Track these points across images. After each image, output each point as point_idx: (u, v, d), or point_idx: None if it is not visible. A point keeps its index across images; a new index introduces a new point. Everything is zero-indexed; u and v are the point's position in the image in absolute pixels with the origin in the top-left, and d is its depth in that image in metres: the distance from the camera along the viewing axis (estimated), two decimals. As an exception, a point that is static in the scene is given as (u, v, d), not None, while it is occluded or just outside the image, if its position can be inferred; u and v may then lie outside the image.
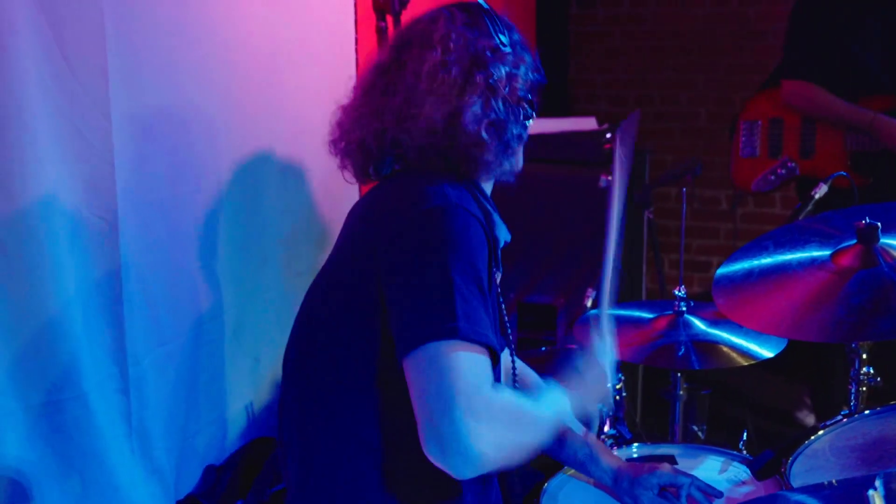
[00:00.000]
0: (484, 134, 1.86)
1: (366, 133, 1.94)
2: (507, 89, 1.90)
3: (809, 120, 4.00)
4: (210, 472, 2.86)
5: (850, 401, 2.43)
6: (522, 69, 1.94)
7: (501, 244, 2.00)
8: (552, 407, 1.88)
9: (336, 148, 2.03)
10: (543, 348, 3.08)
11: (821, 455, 2.04)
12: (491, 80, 1.87)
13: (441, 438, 1.62)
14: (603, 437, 2.86)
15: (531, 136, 2.03)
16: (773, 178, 4.08)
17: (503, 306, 2.07)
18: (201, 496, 2.78)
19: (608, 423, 2.86)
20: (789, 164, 4.04)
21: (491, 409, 1.65)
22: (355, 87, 2.02)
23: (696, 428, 2.86)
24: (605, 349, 2.16)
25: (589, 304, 3.17)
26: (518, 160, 2.02)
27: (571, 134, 4.10)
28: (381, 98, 1.93)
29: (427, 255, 1.74)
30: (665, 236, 5.64)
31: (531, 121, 1.98)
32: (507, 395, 1.75)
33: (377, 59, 2.00)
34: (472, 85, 1.86)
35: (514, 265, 4.00)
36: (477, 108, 1.86)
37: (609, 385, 2.16)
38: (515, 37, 1.97)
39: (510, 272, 4.11)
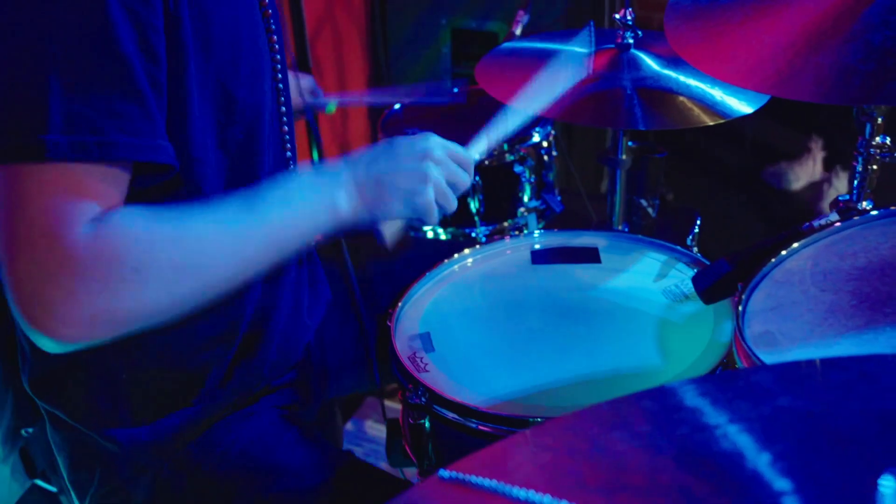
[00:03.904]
0: None
1: None
2: None
3: None
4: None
5: (853, 185, 1.66)
6: None
7: None
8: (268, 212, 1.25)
9: None
10: (455, 89, 2.33)
11: (797, 281, 1.29)
12: None
13: (13, 301, 1.10)
14: (522, 209, 2.18)
15: None
16: None
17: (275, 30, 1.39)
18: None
19: (529, 192, 2.16)
20: None
21: (89, 260, 1.08)
22: None
23: (645, 203, 2.11)
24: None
25: (518, 31, 2.40)
26: None
27: None
28: None
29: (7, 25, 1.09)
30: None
31: None
32: (135, 230, 1.13)
33: None
34: None
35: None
36: None
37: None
38: None
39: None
